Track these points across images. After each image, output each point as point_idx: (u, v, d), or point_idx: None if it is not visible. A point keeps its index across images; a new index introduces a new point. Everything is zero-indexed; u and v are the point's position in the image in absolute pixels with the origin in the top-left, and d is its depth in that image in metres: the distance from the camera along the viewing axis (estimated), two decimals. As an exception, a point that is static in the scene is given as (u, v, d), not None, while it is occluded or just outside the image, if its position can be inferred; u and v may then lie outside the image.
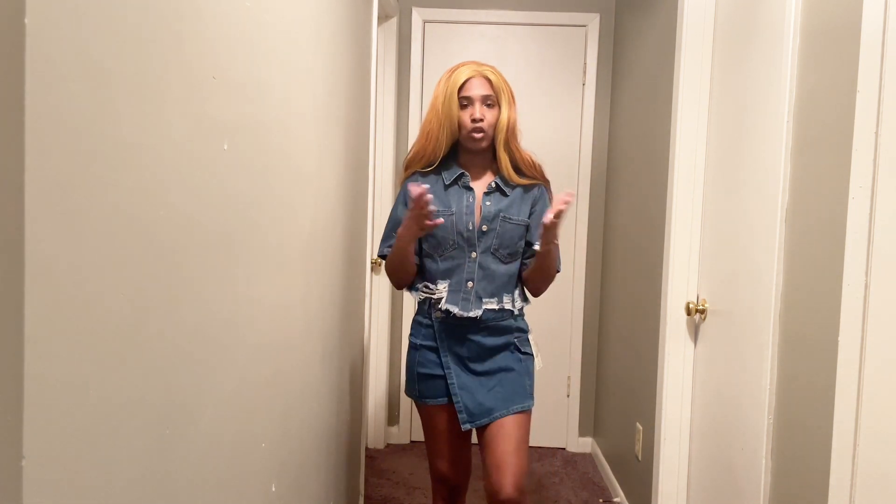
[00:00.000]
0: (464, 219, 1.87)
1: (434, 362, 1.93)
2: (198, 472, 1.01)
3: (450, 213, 1.87)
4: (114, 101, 0.74)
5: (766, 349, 1.64)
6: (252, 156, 1.19)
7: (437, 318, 1.92)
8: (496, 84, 1.85)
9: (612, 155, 3.33)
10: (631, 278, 2.87)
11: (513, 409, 1.88)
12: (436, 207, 1.79)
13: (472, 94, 1.84)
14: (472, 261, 1.87)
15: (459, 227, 1.86)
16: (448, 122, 1.84)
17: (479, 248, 1.87)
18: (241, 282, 1.16)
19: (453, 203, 1.88)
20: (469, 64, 1.89)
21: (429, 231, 1.75)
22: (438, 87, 1.89)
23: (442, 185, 1.90)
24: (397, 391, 3.53)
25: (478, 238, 1.87)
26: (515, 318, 1.94)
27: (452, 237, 1.87)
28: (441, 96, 1.86)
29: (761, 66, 1.75)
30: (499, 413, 1.86)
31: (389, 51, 3.30)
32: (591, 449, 3.51)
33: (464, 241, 1.87)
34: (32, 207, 0.61)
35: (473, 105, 1.84)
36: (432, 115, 1.88)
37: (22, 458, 0.61)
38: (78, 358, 0.69)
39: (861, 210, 1.31)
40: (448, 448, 1.96)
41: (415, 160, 1.93)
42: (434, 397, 1.93)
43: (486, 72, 1.86)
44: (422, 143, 1.91)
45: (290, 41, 1.41)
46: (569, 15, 3.35)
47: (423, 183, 1.86)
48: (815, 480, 1.41)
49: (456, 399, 1.89)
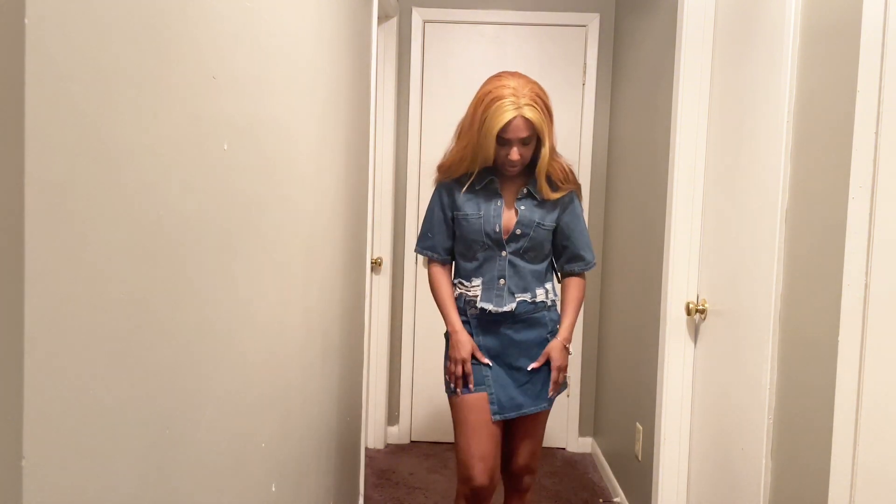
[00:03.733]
0: (491, 221, 1.94)
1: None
2: (198, 472, 1.01)
3: (478, 215, 1.95)
4: (114, 101, 0.74)
5: (766, 349, 1.64)
6: (252, 156, 1.19)
7: (473, 315, 2.00)
8: (537, 123, 1.83)
9: (612, 155, 3.33)
10: (631, 278, 2.87)
11: (541, 405, 2.01)
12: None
13: (510, 136, 1.84)
14: (503, 258, 1.96)
15: (487, 230, 1.94)
16: (483, 154, 1.88)
17: (509, 248, 1.96)
18: (241, 282, 1.16)
19: (482, 206, 1.96)
20: (509, 97, 1.81)
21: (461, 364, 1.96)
22: (477, 108, 1.86)
23: (472, 187, 1.97)
24: (397, 391, 3.53)
25: (508, 240, 1.95)
26: (549, 310, 2.02)
27: (481, 239, 1.95)
28: (478, 124, 1.85)
29: (761, 66, 1.75)
30: (527, 409, 1.99)
31: (389, 51, 3.29)
32: (591, 449, 3.51)
33: (492, 242, 1.95)
34: (32, 207, 0.61)
35: (511, 146, 1.86)
36: (468, 139, 1.89)
37: (22, 458, 0.61)
38: (78, 358, 0.69)
39: (861, 210, 1.31)
40: (481, 441, 1.93)
41: (448, 171, 1.99)
42: (465, 387, 1.98)
43: (525, 111, 1.81)
44: (456, 158, 1.95)
45: (290, 41, 1.41)
46: (569, 15, 3.35)
47: (454, 185, 1.98)
48: (815, 480, 1.41)
49: (490, 392, 1.96)
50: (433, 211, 2.04)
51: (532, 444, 2.06)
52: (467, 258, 2.00)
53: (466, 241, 1.98)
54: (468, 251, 1.99)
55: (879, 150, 1.29)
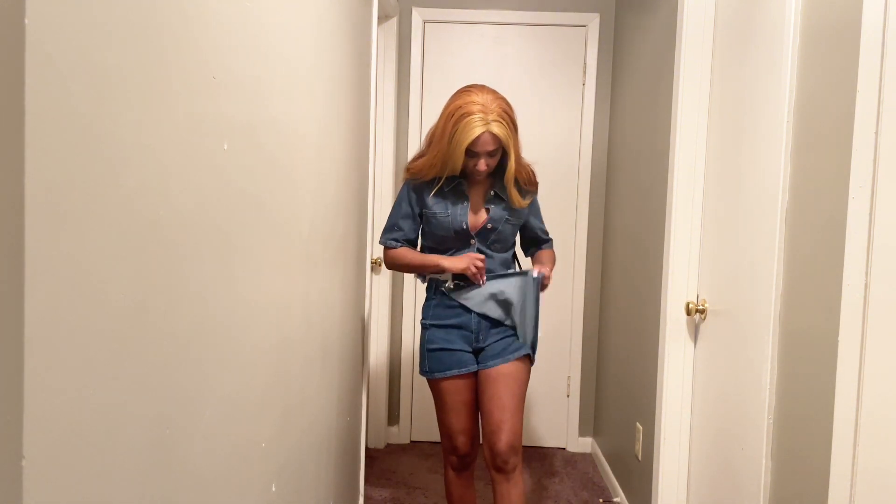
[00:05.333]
0: (458, 220, 2.09)
1: (442, 338, 2.13)
2: (198, 472, 1.01)
3: (446, 214, 2.09)
4: (114, 101, 0.74)
5: (766, 349, 1.64)
6: (252, 156, 1.19)
7: (448, 289, 2.12)
8: (503, 138, 1.96)
9: (612, 155, 3.33)
10: (631, 278, 2.87)
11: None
12: (439, 212, 2.10)
13: (478, 149, 1.97)
14: (472, 246, 2.12)
15: (455, 226, 2.09)
16: (452, 164, 2.01)
17: (479, 240, 2.11)
18: (241, 282, 1.16)
19: (449, 207, 2.10)
20: (478, 113, 1.93)
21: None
22: (448, 122, 1.97)
23: (441, 189, 2.09)
24: (397, 391, 3.53)
25: (478, 234, 2.10)
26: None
27: (450, 235, 2.10)
28: (448, 137, 1.97)
29: (761, 66, 1.75)
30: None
31: (389, 51, 3.29)
32: (591, 449, 3.51)
33: (459, 236, 2.10)
34: (32, 207, 0.61)
35: (479, 157, 1.99)
36: (438, 149, 2.01)
37: (22, 458, 0.61)
38: (78, 357, 0.69)
39: (861, 210, 1.31)
40: (458, 418, 2.13)
41: (418, 174, 2.11)
42: (442, 370, 2.12)
43: (493, 127, 1.93)
44: (426, 164, 2.07)
45: (290, 41, 1.41)
46: (569, 15, 3.35)
47: (423, 185, 2.11)
48: (815, 480, 1.41)
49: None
50: (401, 206, 2.16)
51: (511, 418, 2.05)
52: (439, 252, 2.14)
53: (436, 236, 2.13)
54: (440, 245, 2.13)
55: (879, 150, 1.29)
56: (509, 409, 2.05)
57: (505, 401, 2.05)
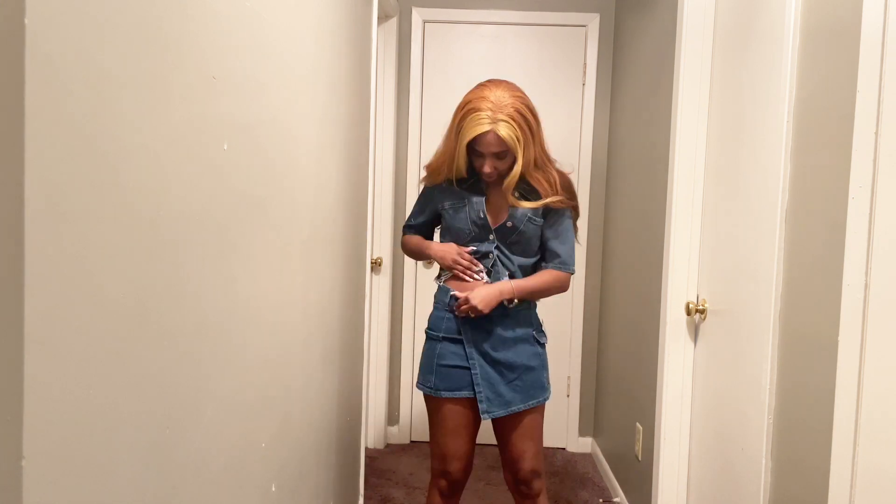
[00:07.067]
0: (475, 208, 1.95)
1: (457, 354, 1.96)
2: (198, 472, 1.01)
3: (462, 204, 1.97)
4: (114, 101, 0.74)
5: (766, 349, 1.64)
6: (252, 156, 1.19)
7: (441, 287, 2.01)
8: (509, 141, 1.80)
9: (612, 155, 3.33)
10: (631, 278, 2.87)
11: (530, 403, 1.97)
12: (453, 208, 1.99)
13: (483, 150, 1.85)
14: (491, 242, 1.96)
15: (472, 216, 1.95)
16: (456, 162, 1.90)
17: (498, 237, 1.96)
18: (241, 282, 1.16)
19: (465, 197, 1.97)
20: (486, 111, 1.80)
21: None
22: (456, 116, 1.88)
23: (460, 184, 1.99)
24: (397, 391, 3.53)
25: (497, 230, 1.95)
26: (530, 308, 2.03)
27: (467, 227, 1.96)
28: (454, 132, 1.87)
29: (761, 66, 1.75)
30: (515, 406, 1.95)
31: (389, 51, 3.29)
32: (591, 449, 3.51)
33: (479, 229, 1.96)
34: (32, 207, 0.61)
35: (485, 158, 1.87)
36: (447, 145, 1.93)
37: (22, 458, 0.61)
38: (78, 358, 0.69)
39: (861, 210, 1.31)
40: (457, 442, 1.98)
41: (432, 174, 2.03)
42: (451, 390, 1.95)
43: (500, 127, 1.79)
44: (436, 162, 1.98)
45: (290, 41, 1.41)
46: (569, 15, 3.35)
47: (444, 184, 2.01)
48: (815, 480, 1.41)
49: (478, 389, 1.94)
50: (420, 201, 2.13)
51: (533, 445, 1.99)
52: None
53: (453, 230, 1.99)
54: (458, 240, 1.99)
55: (879, 150, 1.29)
56: (530, 437, 1.97)
57: (526, 429, 1.97)
